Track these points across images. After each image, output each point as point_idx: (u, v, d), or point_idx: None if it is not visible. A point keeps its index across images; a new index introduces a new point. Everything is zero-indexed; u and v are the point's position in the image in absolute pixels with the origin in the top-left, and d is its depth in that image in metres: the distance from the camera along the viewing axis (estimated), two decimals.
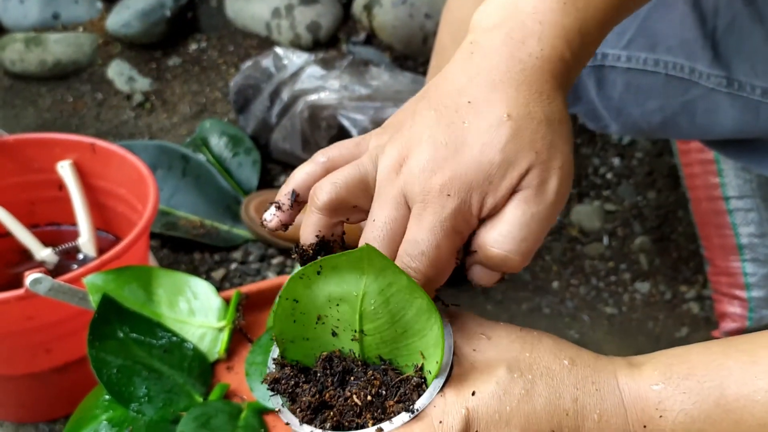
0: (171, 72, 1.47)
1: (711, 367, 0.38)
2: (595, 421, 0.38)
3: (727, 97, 0.69)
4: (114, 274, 0.71)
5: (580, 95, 0.75)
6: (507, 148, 0.37)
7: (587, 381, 0.39)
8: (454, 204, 0.37)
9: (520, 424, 0.38)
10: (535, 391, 0.38)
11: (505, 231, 0.37)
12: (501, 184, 0.37)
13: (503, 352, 0.40)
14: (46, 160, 0.95)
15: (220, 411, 0.65)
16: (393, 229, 0.38)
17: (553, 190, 0.38)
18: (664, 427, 0.38)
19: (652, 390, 0.38)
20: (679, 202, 1.26)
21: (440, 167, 0.37)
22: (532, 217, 0.37)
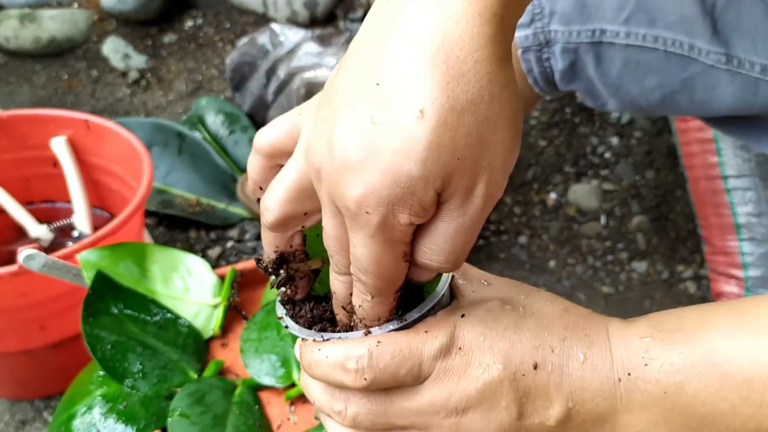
0: (167, 49, 1.46)
1: (700, 322, 0.39)
2: (580, 362, 0.38)
3: (726, 74, 0.68)
4: (108, 250, 0.71)
5: (578, 73, 0.74)
6: (424, 159, 0.32)
7: (578, 326, 0.40)
8: (376, 220, 0.33)
9: (503, 350, 0.38)
10: (524, 324, 0.39)
11: (432, 245, 0.35)
12: (424, 197, 0.33)
13: (499, 291, 0.41)
14: (40, 136, 0.94)
15: (215, 387, 0.65)
16: (339, 237, 0.36)
17: (480, 195, 0.34)
18: (649, 375, 0.38)
19: (640, 341, 0.39)
20: (677, 181, 1.25)
21: (353, 180, 0.33)
22: (457, 229, 0.34)
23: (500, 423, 0.38)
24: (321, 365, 0.38)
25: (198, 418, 0.61)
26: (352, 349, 0.37)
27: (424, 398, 0.38)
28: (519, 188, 1.26)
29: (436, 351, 0.37)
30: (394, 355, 0.37)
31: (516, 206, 1.23)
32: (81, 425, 0.62)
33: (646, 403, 0.38)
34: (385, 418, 0.39)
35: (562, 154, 1.30)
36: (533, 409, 0.38)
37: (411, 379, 0.37)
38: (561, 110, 1.35)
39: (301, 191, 0.38)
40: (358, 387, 0.37)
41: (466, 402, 0.38)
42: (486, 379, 0.37)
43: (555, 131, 1.33)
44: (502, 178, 0.35)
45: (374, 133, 0.32)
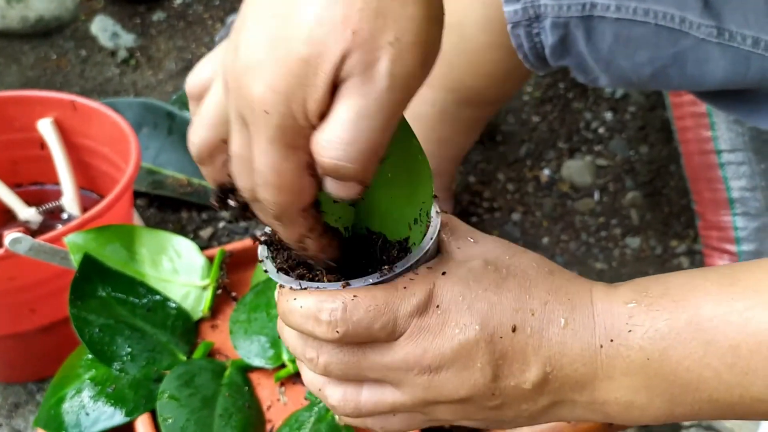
0: (156, 27, 1.44)
1: (687, 288, 0.38)
2: (561, 327, 0.38)
3: (717, 48, 0.67)
4: (95, 233, 0.70)
5: (568, 48, 0.73)
6: (312, 36, 0.29)
7: (561, 290, 0.39)
8: (275, 121, 0.30)
9: (482, 310, 0.37)
10: (506, 286, 0.38)
11: (329, 136, 0.30)
12: (315, 82, 0.30)
13: (485, 251, 0.40)
14: (26, 118, 0.93)
15: (204, 369, 0.65)
16: (243, 155, 0.33)
17: (384, 73, 0.30)
18: (632, 342, 0.37)
19: (624, 306, 0.38)
20: (671, 156, 1.24)
21: (253, 77, 0.30)
22: (357, 113, 0.30)
23: (474, 383, 0.37)
24: (295, 315, 0.37)
25: (187, 400, 0.61)
26: (327, 301, 0.36)
27: (397, 354, 0.37)
28: (512, 165, 1.25)
29: (412, 308, 0.37)
30: (368, 310, 0.36)
31: (509, 183, 1.23)
32: (70, 408, 0.62)
33: (628, 369, 0.38)
34: (356, 370, 0.38)
35: (556, 130, 1.29)
36: (509, 372, 0.38)
37: (385, 334, 0.37)
38: (554, 85, 1.34)
39: (217, 117, 0.35)
40: (331, 339, 0.37)
41: (440, 360, 0.37)
42: (462, 339, 0.37)
43: (548, 107, 1.32)
44: (416, 57, 0.31)
45: (274, 26, 0.30)
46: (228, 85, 0.32)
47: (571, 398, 0.39)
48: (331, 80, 0.30)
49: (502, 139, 1.28)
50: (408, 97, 0.32)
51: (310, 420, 0.62)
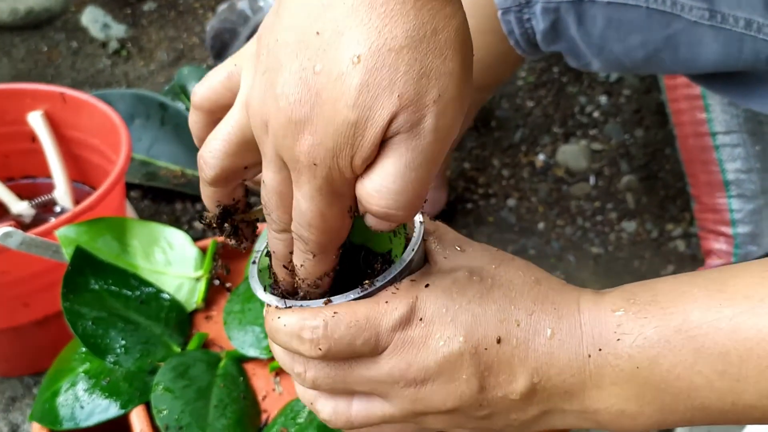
0: (146, 17, 1.43)
1: (675, 294, 0.37)
2: (547, 337, 0.37)
3: (709, 30, 0.67)
4: (87, 226, 0.70)
5: (560, 33, 0.73)
6: (360, 103, 0.31)
7: (547, 299, 0.38)
8: (323, 173, 0.32)
9: (466, 322, 0.37)
10: (490, 297, 0.38)
11: (378, 186, 0.32)
12: (363, 143, 0.31)
13: (470, 260, 0.39)
14: (16, 111, 0.93)
15: (199, 360, 0.65)
16: (282, 192, 0.35)
17: (429, 128, 0.32)
18: (621, 351, 0.37)
19: (612, 314, 0.38)
20: (666, 139, 1.24)
21: (300, 130, 0.32)
22: (406, 166, 0.32)
23: (460, 395, 0.37)
24: (280, 333, 0.38)
25: (182, 391, 0.61)
26: (308, 319, 0.37)
27: (382, 368, 0.37)
28: (507, 150, 1.25)
29: (395, 322, 0.37)
30: (349, 326, 0.36)
31: (504, 169, 1.22)
32: (65, 402, 0.62)
33: (618, 378, 0.37)
34: (343, 384, 0.39)
35: (550, 115, 1.29)
36: (496, 383, 0.38)
37: (368, 349, 0.37)
38: (548, 70, 1.33)
39: (240, 144, 0.36)
40: (315, 357, 0.37)
41: (424, 374, 0.37)
42: (446, 352, 0.37)
43: (542, 91, 1.31)
44: (457, 110, 0.33)
45: (317, 83, 0.31)
46: (267, 128, 0.33)
47: (561, 407, 0.39)
48: (379, 140, 0.32)
49: (496, 124, 1.28)
50: (448, 146, 0.33)
51: (305, 409, 0.62)
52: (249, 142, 0.36)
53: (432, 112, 0.32)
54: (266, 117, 0.33)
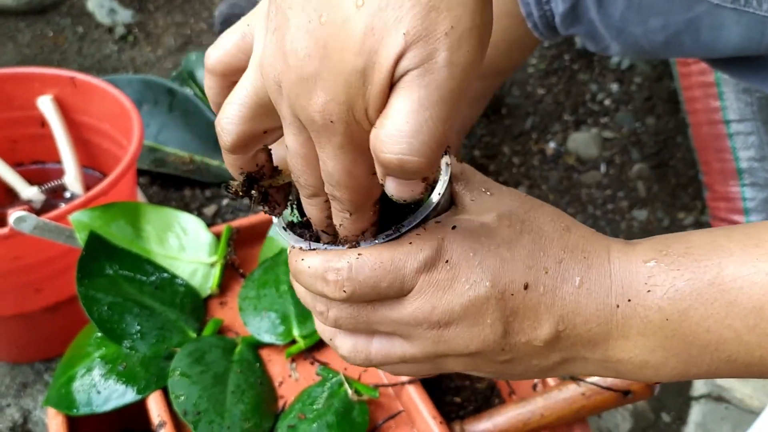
0: (153, 2, 1.41)
1: (710, 248, 0.36)
2: (575, 286, 0.37)
3: (732, 13, 0.66)
4: (100, 210, 0.69)
5: (579, 15, 0.72)
6: (365, 46, 0.29)
7: (577, 248, 0.38)
8: (341, 129, 0.30)
9: (493, 266, 0.36)
10: (519, 242, 0.37)
11: (390, 130, 0.29)
12: (372, 89, 0.29)
13: (500, 204, 0.38)
14: (25, 95, 0.92)
15: (214, 346, 0.65)
16: (306, 155, 0.33)
17: (443, 63, 0.29)
18: (651, 302, 0.36)
19: (643, 265, 0.37)
20: (678, 127, 1.23)
21: (312, 88, 0.30)
22: (419, 104, 0.29)
23: (484, 339, 0.37)
24: (303, 274, 0.37)
25: (199, 377, 0.61)
26: (333, 260, 0.36)
27: (406, 309, 0.37)
28: (517, 138, 1.24)
29: (420, 264, 0.36)
30: (374, 268, 0.36)
31: (514, 156, 1.21)
32: (81, 387, 0.61)
33: (645, 329, 0.37)
34: (366, 324, 0.38)
35: (561, 102, 1.28)
36: (520, 329, 0.37)
37: (393, 292, 0.36)
38: (559, 57, 1.32)
39: (258, 108, 0.34)
40: (338, 298, 0.37)
41: (449, 316, 0.36)
42: (471, 296, 0.36)
43: (553, 79, 1.30)
44: (475, 42, 0.30)
45: (324, 34, 0.29)
46: (281, 89, 0.32)
47: (582, 355, 0.38)
48: (388, 82, 0.29)
49: (507, 112, 1.27)
50: (468, 84, 0.30)
51: (322, 395, 0.62)
52: (266, 105, 0.34)
53: (444, 45, 0.29)
54: (279, 77, 0.31)
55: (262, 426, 0.60)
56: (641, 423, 0.91)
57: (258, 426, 0.60)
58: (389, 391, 0.64)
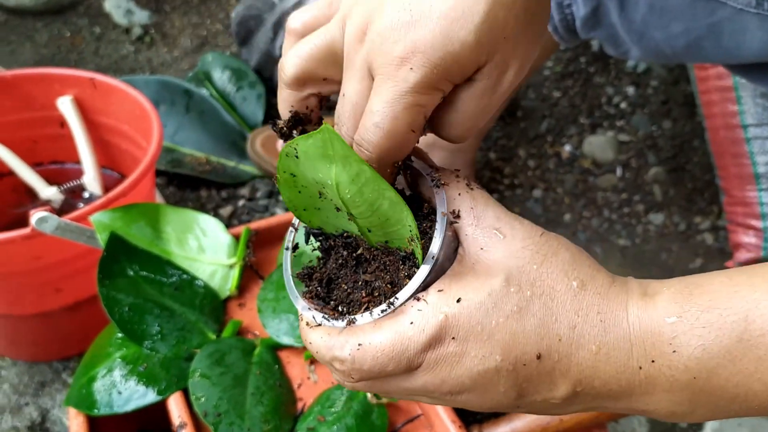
0: (170, 3, 1.42)
1: (735, 299, 0.35)
2: (593, 353, 0.35)
3: (755, 18, 0.65)
4: (121, 211, 0.70)
5: (600, 19, 0.72)
6: (481, 30, 0.33)
7: (592, 309, 0.36)
8: (416, 78, 0.33)
9: (503, 340, 0.35)
10: (529, 311, 0.35)
11: (456, 120, 0.36)
12: (467, 67, 0.34)
13: (510, 257, 0.36)
14: (45, 96, 0.92)
15: (234, 347, 0.65)
16: (358, 103, 0.35)
17: (509, 81, 0.35)
18: (676, 362, 0.35)
19: (666, 323, 0.35)
20: (694, 131, 1.23)
21: (403, 36, 0.33)
22: (483, 109, 0.36)
23: (498, 402, 0.37)
24: (312, 350, 0.38)
25: (219, 378, 0.61)
26: (336, 349, 0.36)
27: (417, 382, 0.36)
28: (533, 141, 1.24)
29: (423, 345, 0.35)
30: (376, 357, 0.35)
31: (530, 159, 1.21)
32: (102, 387, 0.62)
33: (672, 387, 0.36)
34: (381, 391, 0.39)
35: (577, 105, 1.27)
36: (535, 391, 0.36)
37: (401, 371, 0.36)
38: (575, 60, 1.32)
39: (326, 52, 0.37)
40: (350, 382, 0.37)
41: (459, 388, 0.36)
42: (481, 370, 0.35)
43: (569, 82, 1.30)
44: (523, 72, 0.36)
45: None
46: (364, 36, 0.34)
47: (604, 406, 0.38)
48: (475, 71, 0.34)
49: (522, 114, 1.26)
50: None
51: (341, 398, 0.62)
52: (336, 54, 0.37)
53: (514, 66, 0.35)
54: (365, 26, 0.34)
55: (282, 428, 0.60)
56: (658, 428, 0.90)
57: (278, 428, 0.60)
58: None
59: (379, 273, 0.38)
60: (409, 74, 0.33)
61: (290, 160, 0.35)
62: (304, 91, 0.39)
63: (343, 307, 0.39)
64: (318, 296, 0.40)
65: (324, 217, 0.39)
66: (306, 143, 0.34)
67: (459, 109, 0.36)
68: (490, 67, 0.34)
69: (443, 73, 0.33)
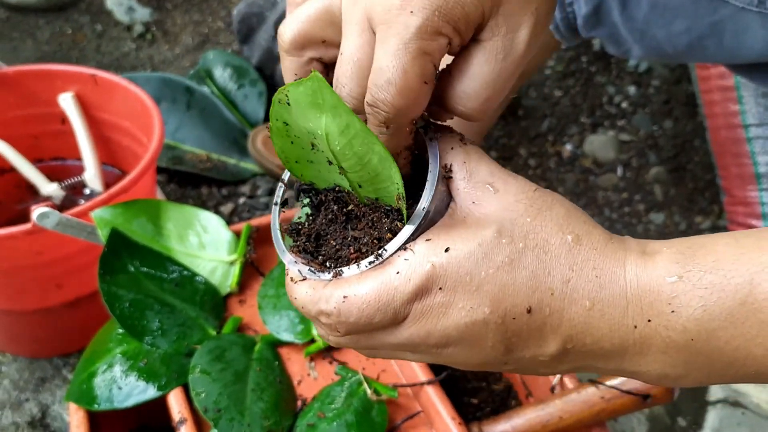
0: (171, 1, 1.42)
1: (741, 261, 0.33)
2: (585, 308, 0.34)
3: (757, 17, 0.65)
4: (122, 208, 0.70)
5: (602, 18, 0.72)
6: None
7: (587, 264, 0.34)
8: (418, 22, 0.32)
9: (492, 292, 0.34)
10: (521, 262, 0.34)
11: (470, 89, 0.34)
12: (471, 12, 0.32)
13: (502, 210, 0.35)
14: (47, 92, 0.93)
15: (234, 344, 0.65)
16: (360, 60, 0.34)
17: (523, 41, 0.34)
18: (674, 323, 0.34)
19: (665, 282, 0.34)
20: (696, 131, 1.23)
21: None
22: (499, 74, 0.34)
23: (485, 356, 0.36)
24: (297, 305, 0.37)
25: (219, 374, 0.61)
26: (321, 303, 0.35)
27: (402, 335, 0.35)
28: (534, 140, 1.24)
29: (410, 294, 0.34)
30: (361, 308, 0.34)
31: (531, 158, 1.21)
32: (102, 382, 0.62)
33: (667, 348, 0.35)
34: (366, 346, 0.38)
35: (578, 105, 1.27)
36: (524, 346, 0.35)
37: (387, 323, 0.35)
38: (577, 59, 1.32)
39: (324, 13, 0.36)
40: (335, 337, 0.37)
41: (446, 340, 0.35)
42: (468, 321, 0.34)
43: (571, 81, 1.30)
44: (541, 33, 0.34)
45: None
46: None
47: (594, 365, 0.37)
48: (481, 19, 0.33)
49: (524, 114, 1.26)
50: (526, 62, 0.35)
51: (341, 395, 0.62)
52: (333, 14, 0.35)
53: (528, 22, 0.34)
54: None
55: (282, 424, 0.60)
56: (657, 427, 0.90)
57: (278, 424, 0.60)
58: (408, 391, 0.64)
59: (368, 230, 0.37)
60: (410, 19, 0.32)
61: (282, 107, 0.34)
62: (305, 55, 0.37)
63: (331, 263, 0.38)
64: (306, 251, 0.39)
65: (316, 170, 0.38)
66: (297, 90, 0.33)
67: (472, 75, 0.34)
68: (499, 21, 0.33)
69: (445, 16, 0.32)
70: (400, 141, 0.35)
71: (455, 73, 0.34)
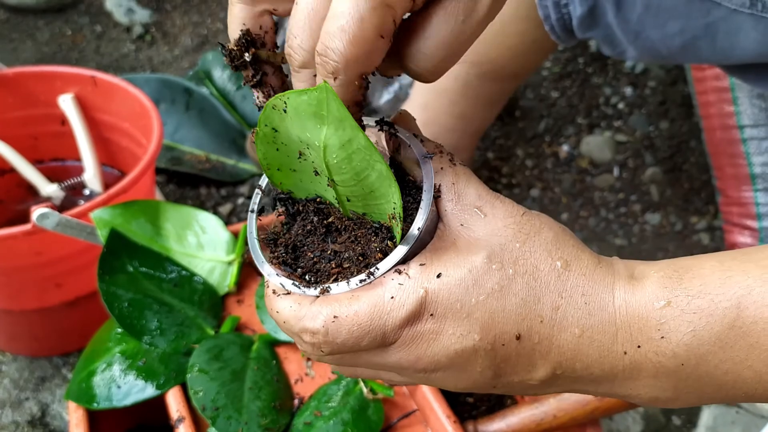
0: (171, 2, 1.43)
1: (727, 285, 0.34)
2: (575, 335, 0.34)
3: (749, 19, 0.66)
4: (121, 208, 0.70)
5: (596, 19, 0.72)
6: None
7: (576, 291, 0.34)
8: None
9: (482, 319, 0.33)
10: (511, 289, 0.34)
11: (426, 48, 0.32)
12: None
13: (491, 235, 0.35)
14: (47, 93, 0.93)
15: (232, 343, 0.65)
16: (316, 10, 0.31)
17: (486, 4, 0.32)
18: (664, 349, 0.34)
19: (654, 308, 0.34)
20: (691, 132, 1.23)
21: None
22: (457, 36, 0.32)
23: (474, 381, 0.36)
24: (279, 321, 0.36)
25: (217, 373, 0.62)
26: (307, 319, 0.34)
27: (391, 358, 0.35)
28: (531, 141, 1.24)
29: (401, 320, 0.33)
30: (351, 330, 0.33)
31: (528, 159, 1.22)
32: (101, 381, 0.62)
33: (657, 373, 0.35)
34: (350, 366, 0.37)
35: (575, 105, 1.28)
36: (513, 372, 0.35)
37: (375, 345, 0.34)
38: (573, 60, 1.33)
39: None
40: (317, 355, 0.35)
41: (434, 366, 0.35)
42: (458, 348, 0.34)
43: (567, 82, 1.31)
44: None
45: None
46: None
47: (584, 389, 0.37)
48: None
49: (520, 114, 1.27)
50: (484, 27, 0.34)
51: (338, 393, 0.62)
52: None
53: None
54: None
55: (279, 422, 0.61)
56: (652, 425, 0.91)
57: (275, 422, 0.60)
58: (404, 390, 0.65)
59: (350, 244, 0.37)
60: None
61: (276, 113, 0.33)
62: (258, 6, 0.35)
63: (310, 276, 0.37)
64: (285, 263, 0.38)
65: (297, 180, 0.37)
66: (298, 99, 0.31)
67: (430, 35, 0.32)
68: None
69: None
70: (347, 95, 0.33)
71: (412, 30, 0.33)
